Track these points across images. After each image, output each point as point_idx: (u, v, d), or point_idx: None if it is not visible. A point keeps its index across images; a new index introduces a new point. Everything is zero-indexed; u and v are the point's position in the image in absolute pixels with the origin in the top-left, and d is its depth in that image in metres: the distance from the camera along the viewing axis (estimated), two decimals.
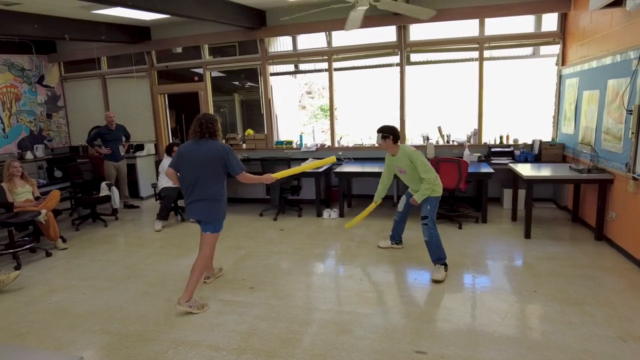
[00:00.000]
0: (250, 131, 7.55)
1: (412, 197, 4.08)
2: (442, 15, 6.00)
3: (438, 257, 3.90)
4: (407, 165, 4.02)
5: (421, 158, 3.93)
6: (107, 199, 6.22)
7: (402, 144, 4.13)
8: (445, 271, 3.86)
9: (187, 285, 3.43)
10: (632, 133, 3.89)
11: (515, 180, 5.58)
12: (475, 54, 6.26)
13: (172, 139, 8.48)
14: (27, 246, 4.91)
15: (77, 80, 8.53)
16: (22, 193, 5.13)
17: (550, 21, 5.98)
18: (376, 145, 6.91)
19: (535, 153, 6.00)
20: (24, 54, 7.85)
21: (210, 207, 3.40)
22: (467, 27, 6.21)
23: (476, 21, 6.13)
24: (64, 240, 5.26)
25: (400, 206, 4.45)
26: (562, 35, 5.90)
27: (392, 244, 4.65)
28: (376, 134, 4.11)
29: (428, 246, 3.94)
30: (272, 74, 7.34)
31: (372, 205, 4.43)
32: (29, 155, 7.65)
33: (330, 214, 6.03)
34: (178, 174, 3.46)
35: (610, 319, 3.03)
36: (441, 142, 6.66)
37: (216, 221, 3.46)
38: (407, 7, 4.98)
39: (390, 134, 4.04)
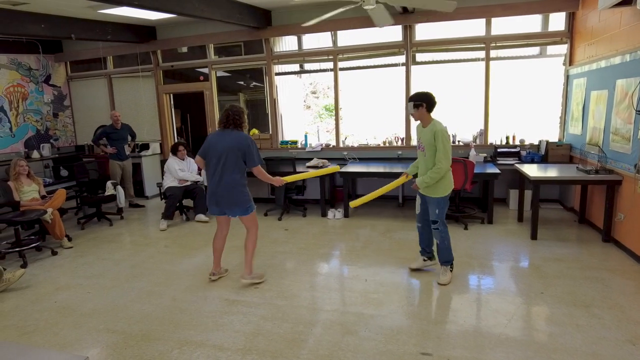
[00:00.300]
0: (255, 131, 7.55)
1: (415, 182, 3.71)
2: (448, 14, 5.97)
3: (446, 259, 3.77)
4: (428, 142, 3.57)
5: (446, 142, 3.50)
6: (113, 198, 6.24)
7: (437, 120, 3.62)
8: (451, 272, 3.79)
9: (245, 261, 3.82)
10: None
11: (521, 181, 5.54)
12: (482, 54, 6.22)
13: (178, 138, 8.50)
14: (33, 245, 4.94)
15: (83, 79, 8.57)
16: (29, 192, 5.16)
17: (557, 20, 5.93)
18: (381, 145, 6.92)
19: (542, 154, 5.96)
20: (31, 54, 7.90)
21: (232, 193, 3.62)
22: (473, 27, 6.17)
23: (482, 21, 6.09)
24: (69, 239, 5.29)
25: (417, 207, 3.95)
26: (569, 34, 5.85)
27: (423, 260, 4.02)
28: (407, 103, 3.64)
29: (439, 249, 3.79)
30: (277, 74, 7.34)
31: (401, 179, 3.92)
32: (35, 154, 7.69)
33: (335, 214, 6.02)
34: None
35: (619, 321, 3.00)
36: None
37: (242, 204, 3.67)
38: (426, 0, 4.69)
39: (423, 101, 3.56)
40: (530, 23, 6.05)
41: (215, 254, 3.97)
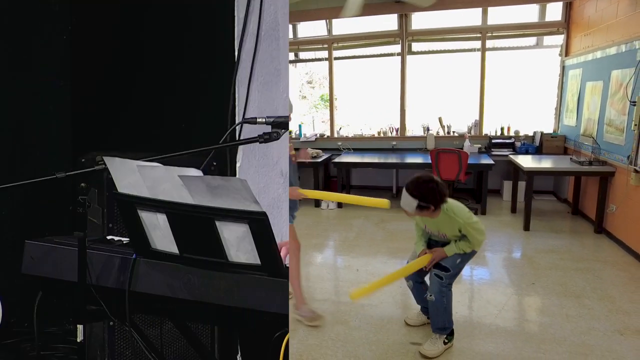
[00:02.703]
0: None
1: (439, 252, 2.57)
2: (444, 3, 5.90)
3: (442, 325, 2.60)
4: (451, 232, 2.56)
5: (468, 219, 2.51)
6: None
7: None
8: (446, 344, 2.60)
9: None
10: (635, 125, 3.82)
11: (515, 172, 5.53)
12: (478, 44, 6.17)
13: None
14: None
15: None
16: None
17: (554, 10, 5.89)
18: (375, 135, 6.88)
19: (536, 145, 5.95)
20: None
21: None
22: (469, 16, 6.12)
23: (479, 10, 6.04)
24: None
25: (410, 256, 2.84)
26: (566, 25, 5.81)
27: (428, 318, 2.83)
28: (404, 192, 2.41)
29: (431, 308, 2.64)
30: None
31: (423, 260, 2.63)
32: None
33: (328, 204, 5.99)
34: None
35: (609, 312, 3.00)
36: (441, 133, 6.59)
37: None
38: None
39: (431, 204, 2.34)
40: (527, 13, 6.01)
41: None
